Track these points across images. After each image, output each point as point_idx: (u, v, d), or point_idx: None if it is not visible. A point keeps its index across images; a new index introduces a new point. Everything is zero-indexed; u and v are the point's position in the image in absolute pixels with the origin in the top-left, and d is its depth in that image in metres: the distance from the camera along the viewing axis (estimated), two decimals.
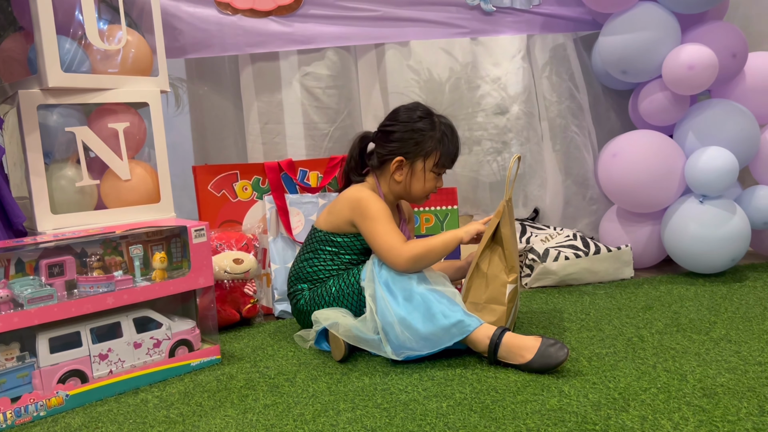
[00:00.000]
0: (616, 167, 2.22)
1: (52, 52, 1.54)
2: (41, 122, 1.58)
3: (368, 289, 1.57)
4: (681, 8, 2.17)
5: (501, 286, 1.53)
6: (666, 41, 2.15)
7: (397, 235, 1.58)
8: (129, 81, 1.71)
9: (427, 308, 1.47)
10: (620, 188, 2.24)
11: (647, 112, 2.24)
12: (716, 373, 1.34)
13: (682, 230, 2.13)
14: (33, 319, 1.29)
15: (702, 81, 2.07)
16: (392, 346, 1.48)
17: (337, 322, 1.55)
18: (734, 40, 2.18)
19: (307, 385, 1.40)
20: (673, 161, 2.17)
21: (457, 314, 1.46)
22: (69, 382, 1.35)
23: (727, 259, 2.11)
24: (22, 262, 1.38)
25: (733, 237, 2.08)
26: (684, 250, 2.15)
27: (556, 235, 2.30)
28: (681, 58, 2.07)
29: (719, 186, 2.07)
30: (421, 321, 1.46)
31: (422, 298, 1.49)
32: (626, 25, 2.17)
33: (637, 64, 2.19)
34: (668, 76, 2.11)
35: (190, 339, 1.54)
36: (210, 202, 2.06)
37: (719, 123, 2.15)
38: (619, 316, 1.79)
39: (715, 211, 2.08)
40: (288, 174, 2.09)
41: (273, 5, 2.20)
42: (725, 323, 1.68)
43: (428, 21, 2.32)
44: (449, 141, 1.70)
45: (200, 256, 1.54)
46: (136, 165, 1.74)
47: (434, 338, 1.46)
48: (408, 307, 1.49)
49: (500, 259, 1.55)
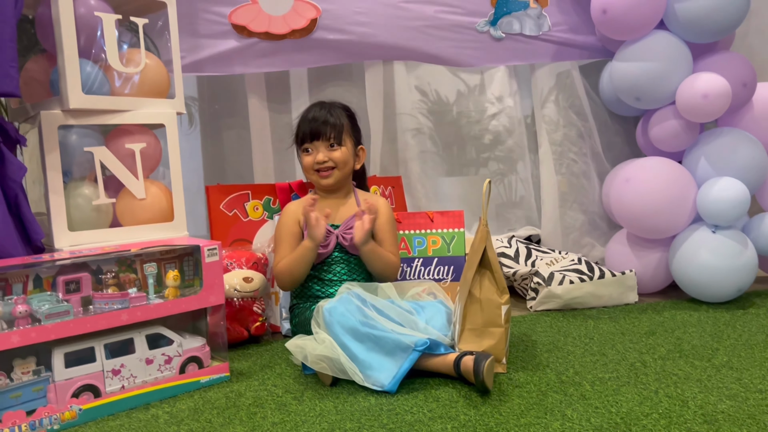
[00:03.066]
0: (629, 193, 2.25)
1: (74, 75, 1.59)
2: (61, 142, 1.63)
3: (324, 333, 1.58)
4: (694, 38, 2.22)
5: (496, 308, 1.57)
6: (679, 70, 2.20)
7: (278, 255, 1.81)
8: (146, 103, 1.76)
9: (383, 345, 1.50)
10: (632, 214, 2.26)
11: (659, 138, 2.27)
12: (717, 400, 1.36)
13: (692, 258, 2.15)
14: (50, 335, 1.33)
15: (715, 109, 2.11)
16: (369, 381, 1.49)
17: (308, 355, 1.53)
18: (744, 70, 2.23)
19: (314, 403, 1.42)
20: (685, 188, 2.20)
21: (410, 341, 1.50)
22: (82, 397, 1.38)
23: (733, 289, 2.13)
24: (40, 278, 1.42)
25: (741, 268, 2.10)
26: (692, 278, 2.17)
27: (561, 259, 2.33)
28: (696, 86, 2.11)
29: (731, 217, 2.09)
30: (383, 357, 1.50)
31: (376, 338, 1.51)
32: (641, 53, 2.21)
33: (651, 91, 2.23)
34: (682, 103, 2.15)
35: (200, 356, 1.57)
36: (222, 221, 2.10)
37: (730, 151, 2.19)
38: (623, 340, 1.81)
39: (727, 242, 2.11)
40: (298, 195, 2.13)
41: (288, 29, 2.25)
42: (728, 350, 1.70)
43: (439, 47, 2.36)
44: (304, 116, 1.85)
45: (212, 274, 1.58)
46: (151, 184, 1.78)
47: (390, 362, 1.49)
48: (364, 349, 1.52)
49: (491, 282, 1.59)
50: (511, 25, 2.41)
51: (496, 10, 2.39)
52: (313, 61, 2.26)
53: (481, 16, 2.38)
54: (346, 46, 2.28)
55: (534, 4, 2.43)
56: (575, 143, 2.48)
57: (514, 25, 2.41)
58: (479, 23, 2.38)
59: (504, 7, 2.40)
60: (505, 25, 2.40)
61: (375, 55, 2.32)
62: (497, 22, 2.39)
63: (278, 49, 2.22)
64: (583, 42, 2.47)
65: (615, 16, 2.18)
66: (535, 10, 2.43)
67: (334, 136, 1.82)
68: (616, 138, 2.60)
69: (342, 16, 2.26)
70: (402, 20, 2.30)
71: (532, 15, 2.43)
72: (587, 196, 2.50)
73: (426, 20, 2.32)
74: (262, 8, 2.21)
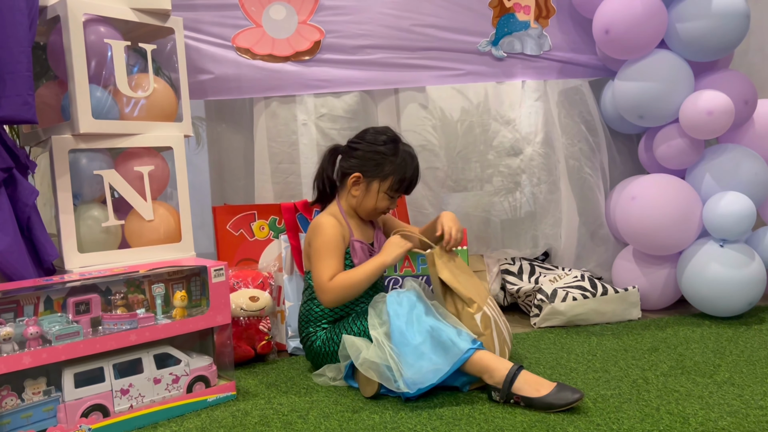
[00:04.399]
0: (635, 210, 2.26)
1: (84, 101, 1.63)
2: (71, 165, 1.67)
3: (380, 328, 1.62)
4: (695, 56, 2.26)
5: (470, 319, 1.65)
6: (681, 88, 2.23)
7: (328, 270, 1.70)
8: (154, 126, 1.80)
9: (437, 336, 1.54)
10: (639, 231, 2.27)
11: (665, 156, 2.29)
12: (718, 417, 1.37)
13: (701, 273, 2.16)
14: (60, 355, 1.36)
15: (720, 126, 2.14)
16: (406, 379, 1.51)
17: (360, 353, 1.58)
18: (745, 87, 2.26)
19: (319, 422, 1.44)
20: (691, 205, 2.22)
21: (465, 341, 1.54)
22: (92, 416, 1.41)
23: (744, 302, 2.14)
24: (50, 300, 1.45)
25: (751, 280, 2.12)
26: (702, 293, 2.18)
27: (564, 276, 2.35)
28: (700, 103, 2.14)
29: (738, 230, 2.11)
30: (431, 349, 1.53)
31: (432, 328, 1.56)
32: (644, 72, 2.24)
33: (654, 109, 2.25)
34: (686, 121, 2.18)
35: (207, 375, 1.60)
36: (228, 241, 2.13)
37: (734, 167, 2.21)
38: (625, 357, 1.82)
39: (735, 255, 2.13)
40: (303, 214, 2.16)
41: (291, 51, 2.30)
42: (729, 366, 1.71)
43: (441, 68, 2.40)
44: (407, 168, 1.82)
45: (219, 294, 1.61)
46: (159, 206, 1.82)
47: (444, 364, 1.52)
48: (419, 337, 1.55)
49: (454, 298, 1.69)
50: (513, 45, 2.45)
51: (497, 30, 2.43)
52: (317, 87, 2.30)
53: (483, 36, 2.42)
54: (350, 68, 2.32)
55: (535, 25, 2.47)
56: (587, 159, 2.49)
57: (515, 45, 2.45)
58: (481, 43, 2.42)
59: (505, 27, 2.43)
60: (507, 45, 2.44)
61: (379, 80, 2.36)
62: (498, 42, 2.43)
63: (282, 75, 2.27)
64: (584, 61, 2.50)
65: (617, 36, 2.21)
66: (536, 30, 2.47)
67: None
68: (618, 156, 2.62)
69: (345, 38, 2.31)
70: (405, 41, 2.34)
71: (533, 35, 2.46)
72: (600, 211, 2.52)
73: (429, 42, 2.36)
74: (266, 31, 2.26)
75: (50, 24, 1.71)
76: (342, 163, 1.85)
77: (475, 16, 2.41)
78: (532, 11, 2.46)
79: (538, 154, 2.44)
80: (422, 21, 2.36)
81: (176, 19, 1.88)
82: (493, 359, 1.53)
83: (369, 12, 2.31)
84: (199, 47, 2.19)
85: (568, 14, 2.50)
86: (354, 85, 2.34)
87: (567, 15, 2.50)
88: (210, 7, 2.20)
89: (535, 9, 2.46)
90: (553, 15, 2.48)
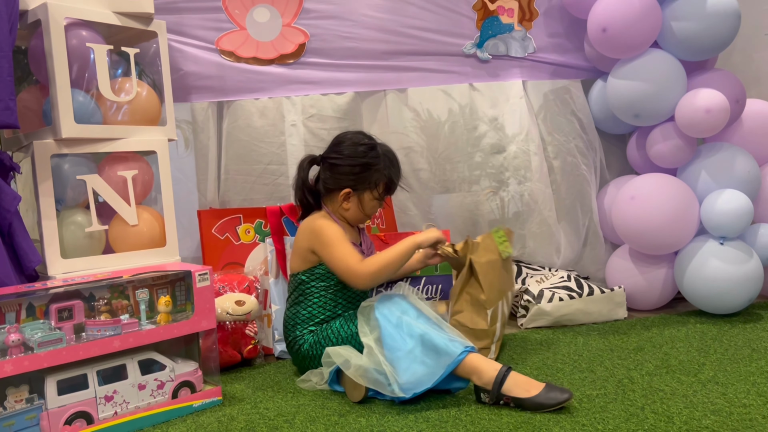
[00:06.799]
0: (634, 210, 2.26)
1: (66, 105, 1.62)
2: (54, 170, 1.66)
3: (371, 335, 1.62)
4: (688, 55, 2.27)
5: (481, 310, 1.80)
6: (676, 87, 2.24)
7: (353, 255, 1.69)
8: (138, 131, 1.79)
9: (429, 340, 1.54)
10: (637, 231, 2.27)
11: (660, 154, 2.30)
12: (702, 416, 1.38)
13: (701, 270, 2.17)
14: (42, 363, 1.34)
15: (717, 124, 2.15)
16: (400, 384, 1.51)
17: (350, 361, 1.58)
18: (736, 87, 2.28)
19: (305, 426, 1.44)
20: (688, 204, 2.23)
21: (457, 344, 1.54)
22: (75, 424, 1.40)
23: (744, 299, 2.16)
24: (32, 307, 1.44)
25: (750, 276, 2.14)
26: (702, 291, 2.19)
27: (550, 276, 2.36)
28: (697, 102, 2.15)
29: (737, 227, 2.13)
30: (424, 352, 1.53)
31: (423, 332, 1.55)
32: (639, 71, 2.25)
33: (650, 107, 2.26)
34: (683, 119, 2.19)
35: (192, 380, 1.59)
36: (214, 245, 2.12)
37: (728, 165, 2.23)
38: (611, 357, 1.83)
39: (734, 252, 2.15)
40: (289, 218, 2.15)
41: (275, 54, 2.30)
42: (714, 365, 1.72)
43: (426, 69, 2.41)
44: (392, 170, 1.81)
45: (203, 299, 1.60)
46: (143, 210, 1.81)
47: (437, 367, 1.52)
48: (411, 341, 1.55)
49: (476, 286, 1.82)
50: (497, 48, 2.46)
51: (482, 33, 2.44)
52: (302, 89, 2.30)
53: (468, 39, 2.43)
54: (335, 70, 2.32)
55: (519, 27, 2.48)
56: (581, 156, 2.50)
57: (499, 47, 2.46)
58: (466, 45, 2.43)
59: (489, 30, 2.44)
60: (491, 48, 2.45)
61: (364, 82, 2.36)
62: (483, 45, 2.44)
63: (266, 78, 2.27)
64: (570, 62, 2.51)
65: (614, 34, 2.20)
66: (519, 32, 2.48)
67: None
68: (606, 156, 2.63)
69: (329, 41, 2.31)
70: (390, 44, 2.35)
71: (516, 37, 2.47)
72: (588, 210, 2.52)
73: (414, 44, 2.37)
74: (250, 34, 2.25)
75: (31, 28, 1.70)
76: (324, 178, 1.81)
77: (459, 18, 2.42)
78: (516, 14, 2.47)
79: (522, 152, 2.44)
80: (407, 23, 2.37)
81: (159, 22, 1.87)
82: (482, 361, 1.53)
83: (353, 14, 2.32)
84: (182, 50, 2.18)
85: (552, 16, 2.51)
86: (339, 87, 2.35)
87: (551, 17, 2.51)
88: (193, 10, 2.19)
89: (518, 12, 2.47)
90: (536, 18, 2.49)
